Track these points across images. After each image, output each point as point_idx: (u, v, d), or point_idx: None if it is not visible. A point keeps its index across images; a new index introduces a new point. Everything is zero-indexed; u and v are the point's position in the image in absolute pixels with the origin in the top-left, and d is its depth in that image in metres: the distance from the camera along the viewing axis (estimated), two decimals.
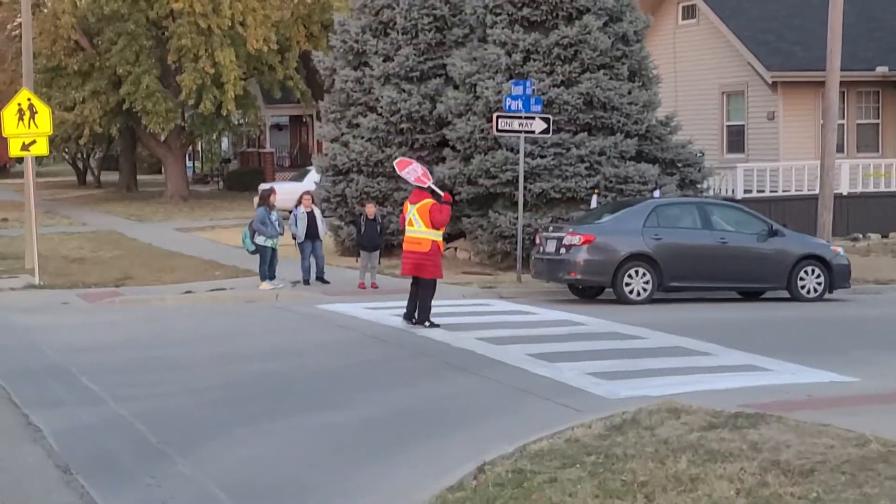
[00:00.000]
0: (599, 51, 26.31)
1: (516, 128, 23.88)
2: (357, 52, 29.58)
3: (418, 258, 17.77)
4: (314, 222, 24.66)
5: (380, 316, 19.69)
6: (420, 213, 17.73)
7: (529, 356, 15.48)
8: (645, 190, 25.98)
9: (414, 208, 17.87)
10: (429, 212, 17.61)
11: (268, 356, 16.22)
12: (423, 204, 17.73)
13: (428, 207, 17.63)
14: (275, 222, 23.84)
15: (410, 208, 17.96)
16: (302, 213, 24.66)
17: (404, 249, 18.10)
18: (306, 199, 24.92)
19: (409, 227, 18.00)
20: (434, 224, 17.61)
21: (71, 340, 18.18)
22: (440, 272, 18.11)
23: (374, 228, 24.28)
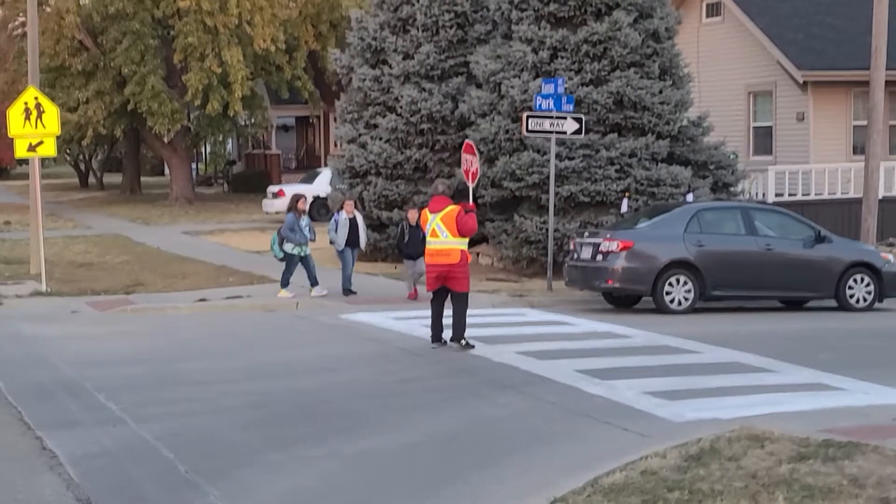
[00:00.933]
0: (630, 48, 25.27)
1: (547, 128, 22.81)
2: (375, 50, 28.53)
3: (446, 270, 16.30)
4: (356, 229, 23.35)
5: (410, 327, 18.62)
6: (445, 221, 16.29)
7: (579, 373, 14.41)
8: (677, 193, 24.94)
9: (437, 217, 16.40)
10: (455, 220, 16.21)
11: (296, 372, 15.15)
12: (447, 212, 16.31)
13: (454, 215, 16.26)
14: (304, 228, 22.74)
15: (432, 217, 16.49)
16: (344, 219, 23.36)
17: (427, 262, 16.64)
18: (348, 205, 23.51)
19: (432, 238, 16.50)
20: (462, 232, 16.27)
21: (83, 352, 17.14)
22: (468, 284, 16.70)
23: (418, 235, 21.98)
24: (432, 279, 16.49)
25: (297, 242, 22.48)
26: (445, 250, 16.25)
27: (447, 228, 16.21)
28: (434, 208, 16.52)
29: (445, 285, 16.40)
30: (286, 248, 22.55)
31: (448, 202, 16.49)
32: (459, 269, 16.22)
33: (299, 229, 22.59)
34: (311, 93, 52.37)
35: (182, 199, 52.23)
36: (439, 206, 16.43)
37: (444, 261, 16.28)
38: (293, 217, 22.77)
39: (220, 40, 47.19)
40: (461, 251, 16.20)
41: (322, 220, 41.84)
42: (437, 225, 16.33)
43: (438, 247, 16.34)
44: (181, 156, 53.82)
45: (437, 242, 16.37)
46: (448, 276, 16.28)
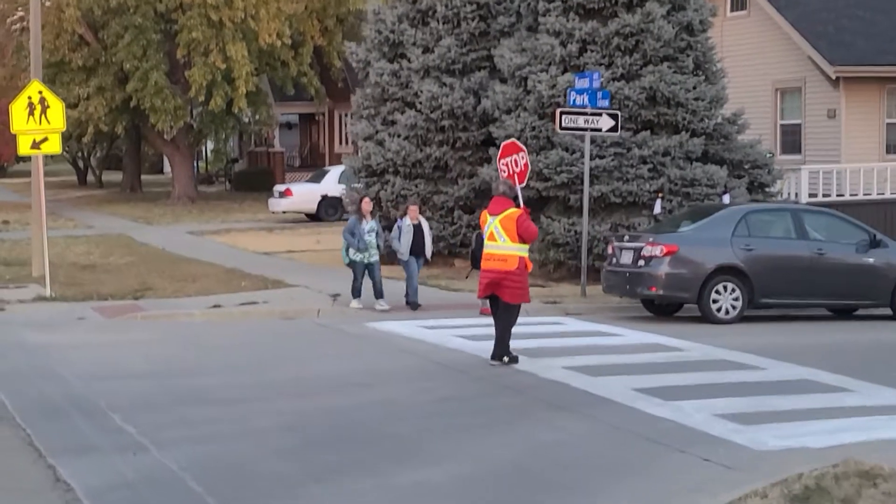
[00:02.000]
0: (663, 41, 24.06)
1: (581, 125, 21.58)
2: (393, 43, 27.30)
3: (500, 277, 14.99)
4: (421, 236, 21.40)
5: (443, 338, 17.41)
6: (504, 224, 15.00)
7: (637, 391, 13.21)
8: (713, 194, 23.75)
9: (496, 220, 15.12)
10: (515, 223, 14.90)
11: (328, 388, 13.94)
12: (507, 214, 15.03)
13: (514, 218, 14.96)
14: (366, 234, 20.95)
15: (491, 220, 15.21)
16: (407, 225, 21.32)
17: (483, 268, 15.32)
18: (413, 210, 21.55)
19: (489, 242, 15.21)
20: (522, 237, 14.96)
21: (93, 364, 15.94)
22: (527, 295, 15.43)
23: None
24: (484, 285, 15.23)
25: (357, 248, 20.86)
26: (503, 255, 14.97)
27: (506, 232, 14.93)
28: (494, 210, 15.24)
29: (497, 294, 15.10)
30: (350, 255, 20.99)
31: (509, 204, 15.23)
32: (515, 277, 14.92)
33: (360, 234, 20.85)
34: (316, 89, 51.18)
35: (184, 197, 51.02)
36: (499, 208, 15.15)
37: (499, 266, 14.99)
38: (355, 220, 21.17)
39: (225, 35, 45.99)
40: (520, 258, 14.93)
41: (330, 221, 40.85)
42: (495, 228, 15.04)
43: (496, 252, 15.06)
44: (183, 153, 52.60)
45: (495, 247, 15.08)
46: (501, 284, 14.99)
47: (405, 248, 21.17)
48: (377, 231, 21.12)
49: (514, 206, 15.25)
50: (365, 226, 20.97)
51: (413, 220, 21.40)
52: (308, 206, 41.58)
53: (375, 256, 21.00)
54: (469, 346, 16.47)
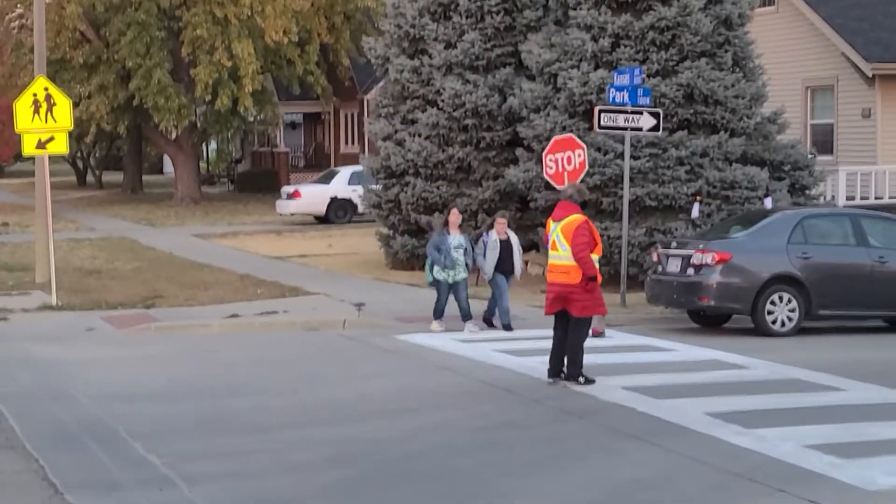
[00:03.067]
0: (700, 35, 22.85)
1: (621, 124, 20.34)
2: (414, 38, 26.05)
3: (566, 291, 13.67)
4: (509, 252, 18.87)
5: (483, 354, 16.17)
6: (565, 232, 13.63)
7: (711, 417, 12.00)
8: (754, 197, 22.56)
9: (558, 227, 13.69)
10: (574, 232, 13.59)
11: (371, 413, 12.71)
12: (568, 221, 13.67)
13: (575, 226, 13.62)
14: (451, 250, 18.60)
15: (553, 227, 13.82)
16: (494, 240, 18.78)
17: (548, 280, 14.04)
18: (500, 224, 18.98)
19: (552, 252, 13.93)
20: (574, 247, 13.59)
21: (107, 383, 14.74)
22: (601, 306, 14.10)
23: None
24: (550, 300, 13.89)
25: (443, 266, 18.56)
26: (565, 267, 13.64)
27: (567, 241, 13.59)
28: (557, 216, 13.92)
29: (565, 308, 13.82)
30: (434, 272, 18.69)
31: (573, 209, 13.82)
32: (581, 290, 13.58)
33: (446, 250, 18.52)
34: (323, 88, 49.94)
35: (188, 198, 49.82)
36: (562, 214, 13.83)
37: (563, 279, 13.66)
38: (440, 235, 18.82)
39: (231, 32, 44.80)
40: None
41: (340, 223, 39.67)
42: (557, 236, 13.73)
43: (558, 262, 13.76)
44: (187, 153, 51.37)
45: (557, 257, 13.78)
46: (568, 298, 13.67)
47: (490, 266, 18.74)
48: (465, 247, 18.73)
49: (580, 213, 13.87)
50: (452, 241, 18.63)
51: (500, 236, 18.97)
52: (317, 208, 40.36)
53: (462, 275, 18.66)
54: (515, 363, 15.25)
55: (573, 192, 14.10)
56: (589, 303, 13.65)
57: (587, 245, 13.53)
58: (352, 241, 34.15)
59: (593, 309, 13.79)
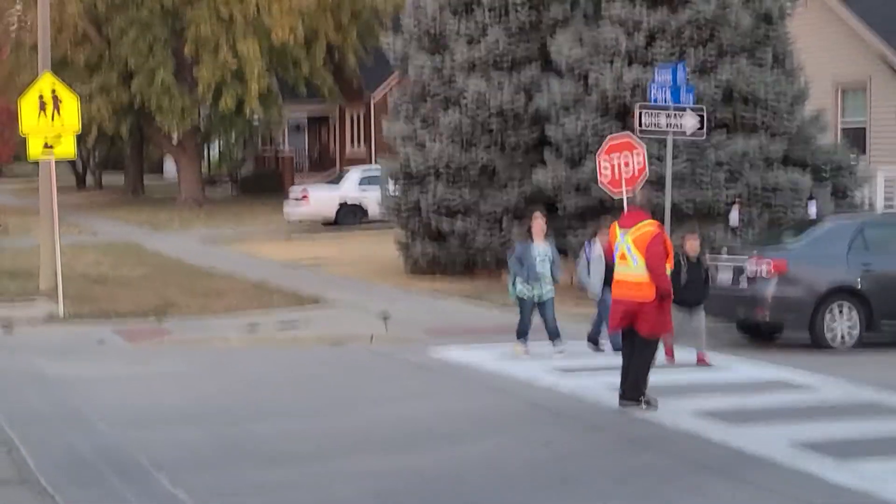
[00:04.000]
0: (740, 32, 21.75)
1: (663, 124, 19.21)
2: (435, 36, 24.92)
3: (635, 308, 12.42)
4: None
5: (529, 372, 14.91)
6: (637, 243, 12.31)
7: (796, 447, 10.83)
8: (797, 202, 21.45)
9: (627, 236, 12.45)
10: (648, 243, 12.35)
11: (416, 441, 11.55)
12: (641, 230, 12.45)
13: (649, 236, 12.37)
14: (536, 261, 16.17)
15: (621, 236, 12.56)
16: (598, 255, 16.29)
17: (614, 295, 12.76)
18: (604, 236, 15.90)
19: (620, 264, 12.67)
20: (648, 261, 12.36)
21: (124, 404, 13.62)
22: (670, 324, 12.87)
23: (699, 274, 15.74)
24: (617, 317, 12.63)
25: (526, 280, 16.18)
26: (636, 281, 12.40)
27: (639, 253, 12.37)
28: (626, 224, 12.68)
29: (632, 325, 12.62)
30: (516, 289, 16.34)
31: (643, 217, 12.59)
32: (652, 307, 12.39)
33: (530, 262, 16.13)
34: (330, 89, 48.81)
35: (191, 201, 48.72)
36: (632, 222, 12.60)
37: (633, 295, 12.40)
38: (523, 245, 16.47)
39: (236, 31, 43.76)
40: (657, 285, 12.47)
41: (350, 227, 38.53)
42: (626, 247, 12.47)
43: (627, 276, 12.50)
44: (190, 156, 50.26)
45: (627, 270, 12.50)
46: (637, 315, 12.45)
47: (597, 284, 16.20)
48: (552, 258, 16.41)
49: (652, 221, 12.61)
50: (535, 251, 16.23)
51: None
52: (326, 212, 39.22)
53: (550, 291, 16.37)
54: (566, 384, 14.09)
55: (642, 198, 12.89)
56: (658, 322, 12.47)
57: (664, 257, 12.37)
58: (364, 245, 33.05)
59: (662, 328, 12.62)
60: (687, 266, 15.31)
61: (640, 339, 12.49)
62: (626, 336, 12.73)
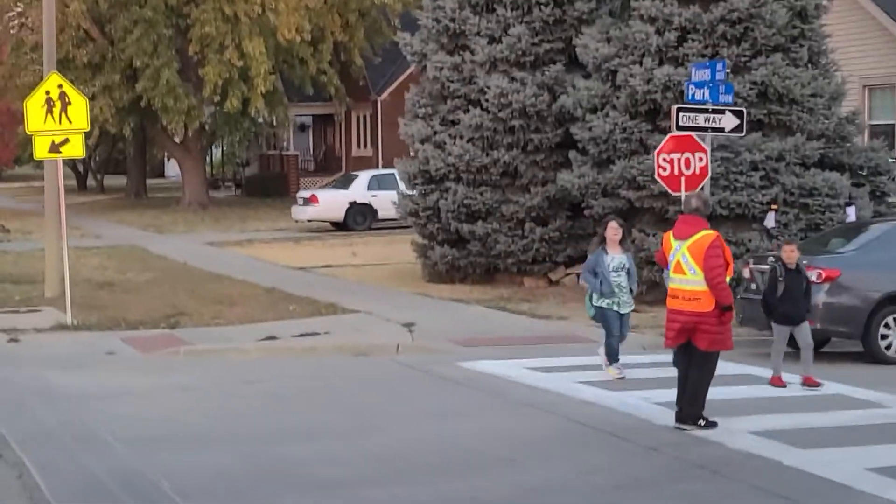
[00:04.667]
0: (775, 28, 20.89)
1: (701, 124, 18.31)
2: (454, 33, 24.04)
3: (694, 321, 11.60)
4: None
5: (568, 386, 14.10)
6: (694, 252, 11.55)
7: (877, 473, 9.98)
8: (835, 205, 20.59)
9: (683, 246, 11.66)
10: (706, 251, 11.51)
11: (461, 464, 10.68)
12: (698, 239, 11.62)
13: (707, 245, 11.54)
14: (611, 272, 14.81)
15: (677, 246, 11.79)
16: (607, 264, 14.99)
17: (669, 307, 11.93)
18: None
19: (676, 275, 11.75)
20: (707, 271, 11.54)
21: (140, 421, 12.77)
22: (730, 340, 11.93)
23: (800, 284, 14.42)
24: (674, 332, 11.79)
25: (601, 293, 14.83)
26: (694, 293, 11.57)
27: (697, 263, 11.53)
28: (681, 233, 11.82)
29: (691, 340, 11.76)
30: (594, 302, 14.93)
31: (701, 224, 11.74)
32: (712, 321, 11.55)
33: (604, 273, 14.79)
34: (336, 88, 47.93)
35: (195, 204, 47.79)
36: (689, 230, 11.75)
37: (691, 307, 11.58)
38: (597, 255, 14.99)
39: (241, 30, 42.81)
40: None
41: (360, 230, 37.68)
42: (682, 257, 11.64)
43: (685, 287, 11.68)
44: (195, 157, 49.35)
45: (684, 281, 11.69)
46: (696, 329, 11.62)
47: None
48: (629, 268, 14.94)
49: (708, 229, 11.75)
50: (610, 261, 14.85)
51: None
52: (335, 215, 38.35)
53: (628, 306, 14.96)
54: (609, 399, 13.23)
55: (699, 203, 11.94)
56: (719, 336, 11.62)
57: (723, 268, 11.50)
58: (376, 249, 32.19)
59: (722, 342, 11.75)
60: (785, 276, 14.32)
61: (698, 354, 11.65)
62: (682, 351, 11.86)
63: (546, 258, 23.53)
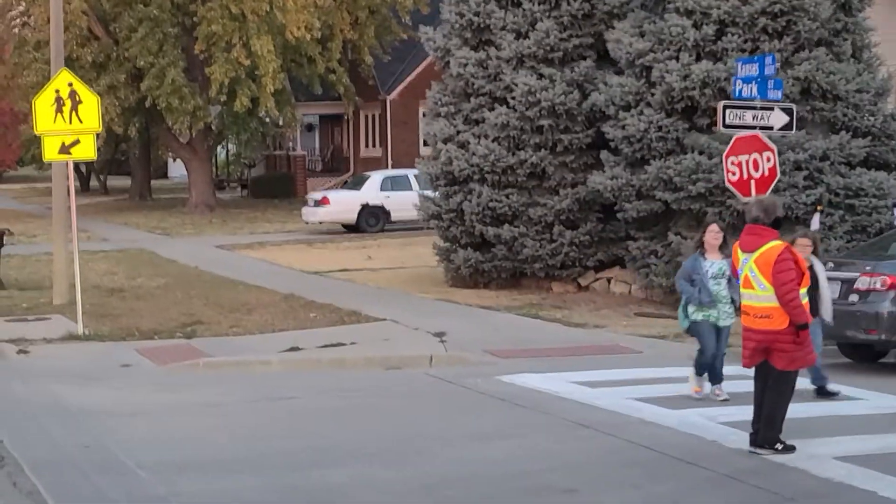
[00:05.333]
0: (819, 22, 19.94)
1: (749, 122, 17.31)
2: (478, 28, 23.07)
3: (769, 339, 10.59)
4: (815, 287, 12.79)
5: (622, 403, 13.11)
6: (761, 266, 10.54)
7: None
8: (882, 206, 19.65)
9: (751, 259, 10.64)
10: (775, 265, 10.47)
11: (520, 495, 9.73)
12: (764, 251, 10.57)
13: (774, 258, 10.49)
14: (710, 280, 13.15)
15: (744, 258, 10.74)
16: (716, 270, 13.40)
17: (743, 325, 10.93)
18: (803, 247, 13.11)
19: (745, 291, 10.75)
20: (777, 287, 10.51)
21: (161, 442, 11.84)
22: (811, 356, 10.93)
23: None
24: (749, 351, 10.80)
25: (700, 303, 13.30)
26: (765, 310, 10.56)
27: (764, 277, 10.53)
28: (747, 245, 10.77)
29: (767, 359, 10.78)
30: (690, 313, 13.41)
31: (768, 234, 10.67)
32: (787, 338, 10.61)
33: (702, 280, 13.14)
34: (346, 87, 46.96)
35: (202, 205, 46.83)
36: (755, 242, 10.71)
37: (763, 325, 10.58)
38: (694, 260, 13.39)
39: (249, 28, 41.82)
40: None
41: (371, 232, 36.72)
42: (750, 271, 10.63)
43: (755, 304, 10.66)
44: (201, 158, 48.39)
45: (753, 297, 10.66)
46: (772, 348, 10.63)
47: None
48: (729, 276, 12.86)
49: (776, 239, 10.77)
50: (709, 268, 13.25)
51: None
52: (347, 216, 37.39)
53: (728, 317, 13.33)
54: (670, 418, 12.26)
55: (759, 212, 10.81)
56: (797, 353, 10.62)
57: (795, 282, 10.50)
58: (392, 252, 31.25)
59: (802, 360, 10.77)
60: None
61: (775, 374, 10.68)
62: (758, 370, 10.89)
63: (575, 262, 22.56)
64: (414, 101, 48.92)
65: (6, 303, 21.79)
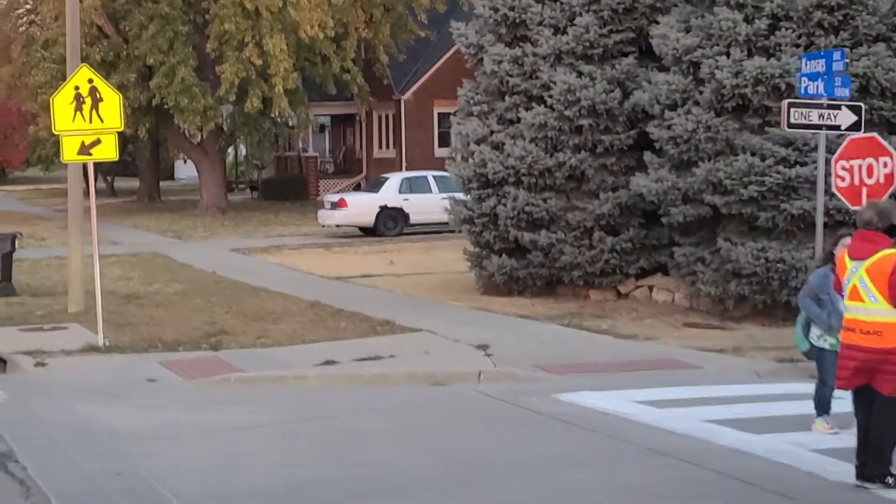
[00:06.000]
0: (878, 16, 18.92)
1: (815, 121, 16.28)
2: (514, 23, 22.05)
3: (876, 359, 9.49)
4: None
5: (691, 424, 12.06)
6: (874, 275, 9.50)
7: None
8: None
9: (861, 268, 9.62)
10: (891, 276, 9.37)
11: None
12: (878, 259, 9.53)
13: (891, 266, 9.41)
14: (839, 301, 10.55)
15: (853, 267, 9.71)
16: None
17: (844, 342, 9.77)
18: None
19: (852, 303, 9.67)
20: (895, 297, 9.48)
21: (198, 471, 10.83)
22: None
23: None
24: (849, 371, 9.68)
25: (827, 326, 11.49)
26: (876, 325, 9.47)
27: (878, 288, 9.51)
28: (858, 251, 9.71)
29: (870, 383, 9.71)
30: (812, 338, 11.78)
31: (882, 241, 9.61)
32: None
33: (833, 300, 11.26)
34: (360, 87, 45.94)
35: (213, 208, 45.85)
36: (867, 248, 9.64)
37: (871, 343, 9.48)
38: (823, 274, 11.58)
39: (262, 26, 40.80)
40: None
41: (390, 235, 35.71)
42: (860, 281, 9.57)
43: (863, 318, 9.57)
44: (212, 159, 47.38)
45: (862, 310, 9.57)
46: (877, 369, 9.54)
47: None
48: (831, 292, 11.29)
49: (891, 247, 9.68)
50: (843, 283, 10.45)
51: None
52: (365, 219, 36.37)
53: None
54: (757, 445, 11.19)
55: (872, 215, 9.74)
56: None
57: None
58: (414, 256, 30.26)
59: None
60: None
61: (881, 400, 9.58)
62: (862, 395, 9.82)
63: (616, 270, 21.53)
64: (428, 101, 47.98)
65: (20, 310, 20.83)
